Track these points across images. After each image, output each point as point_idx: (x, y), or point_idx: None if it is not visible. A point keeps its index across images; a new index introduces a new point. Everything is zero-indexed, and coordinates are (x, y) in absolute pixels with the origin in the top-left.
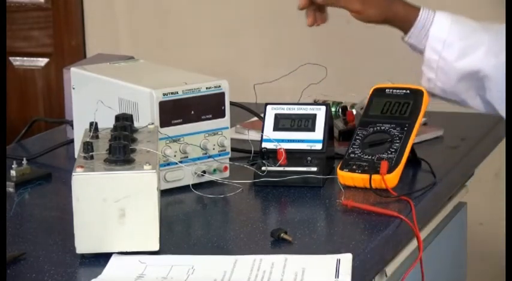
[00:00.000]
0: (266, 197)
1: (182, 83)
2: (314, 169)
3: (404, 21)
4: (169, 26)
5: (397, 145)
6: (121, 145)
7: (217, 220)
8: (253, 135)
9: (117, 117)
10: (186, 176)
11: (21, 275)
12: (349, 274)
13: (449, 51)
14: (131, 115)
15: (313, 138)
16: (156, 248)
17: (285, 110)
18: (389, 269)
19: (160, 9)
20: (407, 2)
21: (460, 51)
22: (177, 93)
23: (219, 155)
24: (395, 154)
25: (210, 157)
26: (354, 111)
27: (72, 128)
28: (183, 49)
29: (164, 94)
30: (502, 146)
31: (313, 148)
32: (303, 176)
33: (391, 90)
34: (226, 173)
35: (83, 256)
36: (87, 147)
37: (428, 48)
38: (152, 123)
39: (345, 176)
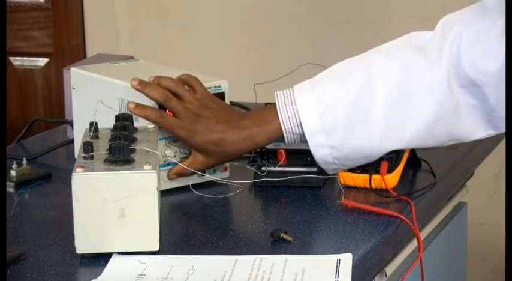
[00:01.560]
0: (266, 197)
1: None
2: (314, 169)
3: (272, 137)
4: (169, 26)
5: None
6: (121, 145)
7: (217, 220)
8: None
9: (117, 117)
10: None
11: (21, 275)
12: (349, 274)
13: (335, 136)
14: (131, 115)
15: None
16: (156, 248)
17: None
18: (389, 269)
19: (160, 9)
20: (259, 114)
21: (345, 129)
22: None
23: None
24: (395, 154)
25: None
26: None
27: (72, 128)
28: (183, 49)
29: None
30: (502, 146)
31: None
32: (303, 176)
33: None
34: (226, 173)
35: (83, 256)
36: (87, 147)
37: (313, 147)
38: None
39: (345, 176)
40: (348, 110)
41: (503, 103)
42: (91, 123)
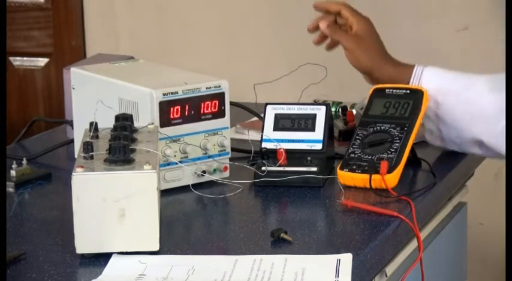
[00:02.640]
0: (266, 197)
1: (182, 83)
2: (314, 169)
3: (396, 82)
4: (169, 26)
5: (397, 145)
6: (121, 145)
7: (217, 220)
8: (253, 135)
9: (117, 117)
10: (185, 176)
11: (21, 275)
12: (349, 274)
13: (447, 98)
14: (131, 115)
15: (313, 138)
16: (156, 248)
17: (285, 110)
18: (390, 269)
19: (160, 9)
20: (400, 63)
21: (458, 93)
22: (177, 93)
23: (219, 155)
24: (395, 154)
25: (210, 157)
26: (354, 111)
27: (72, 128)
28: (183, 49)
29: (164, 94)
30: None
31: (313, 147)
32: (303, 176)
33: (391, 90)
34: (226, 173)
35: (83, 256)
36: (87, 147)
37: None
38: (152, 123)
39: (345, 176)
40: (468, 83)
41: None
42: (91, 123)
